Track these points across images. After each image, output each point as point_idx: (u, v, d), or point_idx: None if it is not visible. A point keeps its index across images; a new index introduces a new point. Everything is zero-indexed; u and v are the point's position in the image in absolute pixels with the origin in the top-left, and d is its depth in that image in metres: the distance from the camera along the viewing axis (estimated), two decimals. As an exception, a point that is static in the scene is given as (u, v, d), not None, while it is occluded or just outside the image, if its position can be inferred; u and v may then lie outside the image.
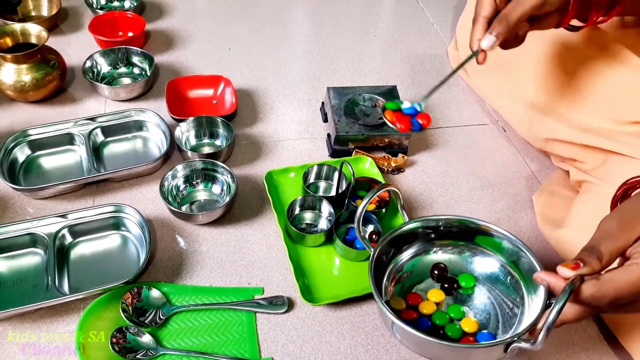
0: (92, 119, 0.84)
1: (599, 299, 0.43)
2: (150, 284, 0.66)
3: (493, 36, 0.59)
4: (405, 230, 0.61)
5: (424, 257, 0.62)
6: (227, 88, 0.93)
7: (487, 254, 0.61)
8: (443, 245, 0.63)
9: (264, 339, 0.64)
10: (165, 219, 0.75)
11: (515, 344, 0.47)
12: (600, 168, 0.70)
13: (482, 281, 0.61)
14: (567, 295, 0.43)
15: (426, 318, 0.58)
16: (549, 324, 0.43)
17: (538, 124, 0.80)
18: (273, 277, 0.70)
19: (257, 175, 0.82)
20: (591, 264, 0.44)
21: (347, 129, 0.85)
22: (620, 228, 0.46)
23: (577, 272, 0.44)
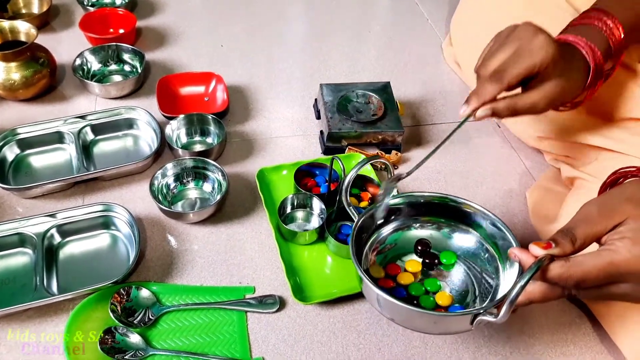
0: (82, 117, 0.83)
1: (566, 280, 0.44)
2: (140, 283, 0.66)
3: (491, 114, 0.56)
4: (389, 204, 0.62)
5: (406, 232, 0.64)
6: (218, 85, 0.92)
7: (466, 231, 0.62)
8: (424, 221, 0.64)
9: (254, 338, 0.63)
10: (155, 218, 0.74)
11: (481, 316, 0.48)
12: (592, 165, 0.70)
13: (461, 257, 0.62)
14: (532, 272, 0.44)
15: (402, 288, 0.60)
16: (512, 298, 0.44)
17: (530, 122, 0.79)
18: (264, 276, 0.69)
19: (249, 173, 0.81)
20: (563, 246, 0.44)
21: (339, 126, 0.84)
22: (599, 214, 0.46)
23: (548, 252, 0.44)
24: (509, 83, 0.55)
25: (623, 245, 0.43)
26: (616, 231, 0.45)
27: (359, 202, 0.77)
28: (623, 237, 0.44)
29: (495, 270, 0.58)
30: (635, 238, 0.44)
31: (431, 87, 1.00)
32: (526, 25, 0.56)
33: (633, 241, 0.44)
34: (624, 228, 0.44)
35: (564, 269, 0.44)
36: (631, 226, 0.44)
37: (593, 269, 0.43)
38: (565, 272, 0.44)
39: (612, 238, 0.45)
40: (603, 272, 0.44)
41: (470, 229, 0.62)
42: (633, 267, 0.43)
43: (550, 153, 0.79)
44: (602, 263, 0.43)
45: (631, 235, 0.44)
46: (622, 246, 0.43)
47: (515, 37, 0.55)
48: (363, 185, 0.78)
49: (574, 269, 0.44)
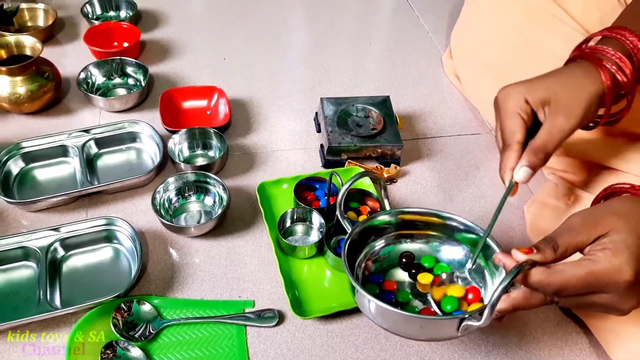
0: (86, 130, 0.84)
1: (546, 287, 0.45)
2: (141, 297, 0.67)
3: (528, 169, 0.52)
4: (379, 220, 0.63)
5: (396, 246, 0.65)
6: (220, 99, 0.93)
7: (453, 243, 0.63)
8: (414, 235, 0.65)
9: (254, 352, 0.64)
10: (157, 232, 0.76)
11: (466, 321, 0.49)
12: (589, 181, 0.70)
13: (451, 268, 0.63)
14: (512, 276, 0.45)
15: (391, 293, 0.61)
16: (493, 301, 0.46)
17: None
18: (264, 290, 0.70)
19: (250, 187, 0.82)
20: (544, 252, 0.45)
21: (339, 140, 0.85)
22: (583, 224, 0.47)
23: (529, 257, 0.45)
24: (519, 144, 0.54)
25: (604, 255, 0.44)
26: (598, 242, 0.46)
27: (357, 216, 0.77)
28: (604, 248, 0.45)
29: (483, 279, 0.59)
30: (616, 249, 0.44)
31: (431, 100, 1.01)
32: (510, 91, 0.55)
33: (614, 252, 0.44)
34: (606, 239, 0.45)
35: (544, 276, 0.45)
36: (613, 238, 0.45)
37: (572, 277, 0.44)
38: (545, 278, 0.45)
39: (594, 249, 0.46)
40: (582, 281, 0.44)
41: (457, 242, 0.63)
42: (612, 277, 0.44)
43: (548, 167, 0.80)
44: (581, 272, 0.44)
45: (612, 246, 0.45)
46: (602, 257, 0.44)
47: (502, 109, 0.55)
48: (362, 199, 0.79)
49: (554, 276, 0.45)
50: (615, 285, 0.45)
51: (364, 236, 0.63)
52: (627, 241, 0.45)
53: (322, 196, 0.79)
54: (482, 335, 0.68)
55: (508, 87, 0.55)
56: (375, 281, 0.62)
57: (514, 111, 0.54)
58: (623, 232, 0.45)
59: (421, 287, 0.61)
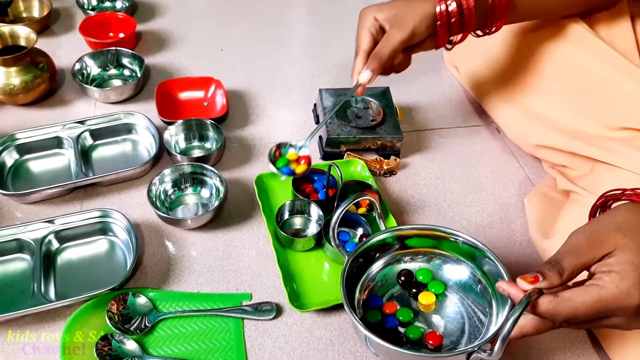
0: (81, 122, 0.83)
1: (554, 316, 0.44)
2: (137, 290, 0.66)
3: (369, 71, 0.64)
4: (375, 241, 0.61)
5: (395, 267, 0.63)
6: (218, 90, 0.92)
7: (457, 262, 0.61)
8: (413, 253, 0.63)
9: (251, 346, 0.63)
10: (153, 224, 0.75)
11: (476, 354, 0.48)
12: (587, 177, 0.69)
13: (452, 289, 0.61)
14: (522, 307, 0.44)
15: (393, 317, 0.59)
16: (504, 335, 0.44)
17: (527, 129, 0.79)
18: (262, 283, 0.69)
19: (248, 179, 0.81)
20: (550, 278, 0.44)
21: (338, 132, 0.84)
22: (587, 244, 0.45)
23: (535, 286, 0.44)
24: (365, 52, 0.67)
25: (610, 280, 0.43)
26: (604, 263, 0.44)
27: (357, 208, 0.76)
28: (610, 270, 0.43)
29: (489, 304, 0.57)
30: (623, 272, 0.43)
31: (431, 92, 1.00)
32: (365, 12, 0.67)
33: (621, 276, 0.43)
34: (612, 260, 0.44)
35: (552, 305, 0.44)
36: (619, 258, 0.44)
37: (581, 305, 0.43)
38: (553, 308, 0.44)
39: (600, 270, 0.44)
40: (591, 309, 0.43)
41: (461, 260, 0.61)
42: (621, 302, 0.43)
43: (547, 161, 0.79)
44: (590, 300, 0.43)
45: (618, 268, 0.43)
46: (609, 281, 0.43)
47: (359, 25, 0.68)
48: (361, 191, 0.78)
49: (562, 305, 0.43)
50: (624, 310, 0.44)
51: (361, 260, 0.61)
52: (633, 261, 0.43)
53: (321, 188, 0.78)
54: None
55: (365, 8, 0.67)
56: (376, 305, 0.60)
57: (364, 26, 0.66)
58: (629, 251, 0.44)
59: (423, 307, 0.60)
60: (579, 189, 0.71)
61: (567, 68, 0.73)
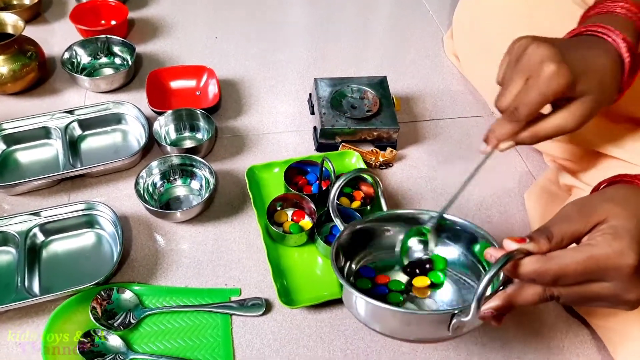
0: (70, 111, 0.81)
1: (542, 275, 0.42)
2: (123, 284, 0.64)
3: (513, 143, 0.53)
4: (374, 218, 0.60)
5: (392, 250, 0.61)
6: (210, 79, 0.90)
7: (448, 244, 0.59)
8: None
9: (239, 342, 0.62)
10: (142, 217, 0.73)
11: (455, 318, 0.46)
12: (591, 172, 0.67)
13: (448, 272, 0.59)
14: (500, 264, 0.41)
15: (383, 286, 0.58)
16: (479, 295, 0.43)
17: None
18: (251, 278, 0.68)
19: (239, 171, 0.79)
20: (538, 242, 0.43)
21: (333, 122, 0.81)
22: (579, 212, 0.44)
23: (522, 246, 0.42)
24: (527, 119, 0.51)
25: (603, 239, 0.41)
26: (596, 229, 0.43)
27: (350, 201, 0.74)
28: (604, 233, 0.42)
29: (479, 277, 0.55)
30: (616, 234, 0.42)
31: (430, 82, 0.97)
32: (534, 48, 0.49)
33: (614, 236, 0.42)
34: (605, 226, 0.43)
35: (539, 264, 0.42)
36: (612, 223, 0.42)
37: (571, 262, 0.41)
38: (541, 266, 0.41)
39: (592, 236, 0.43)
40: (582, 266, 0.41)
41: (451, 241, 0.59)
42: (614, 262, 0.41)
43: (549, 155, 0.76)
44: (581, 257, 0.41)
45: (612, 231, 0.42)
46: (602, 240, 0.41)
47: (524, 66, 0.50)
48: (356, 184, 0.76)
49: (550, 263, 0.41)
50: (618, 270, 0.42)
51: (356, 239, 0.59)
52: (626, 226, 0.42)
53: (314, 181, 0.76)
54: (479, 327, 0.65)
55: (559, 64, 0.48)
56: (367, 275, 0.59)
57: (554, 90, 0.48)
58: (621, 217, 0.43)
59: (417, 291, 0.58)
60: (582, 184, 0.68)
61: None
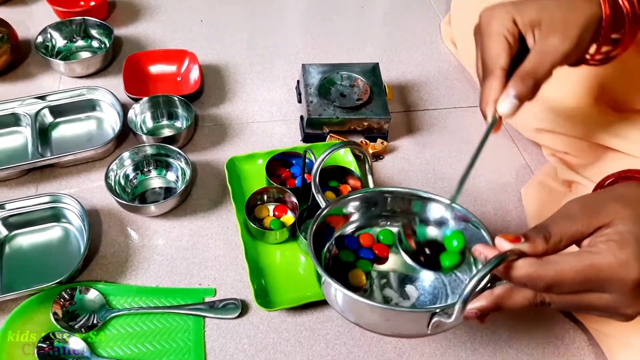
0: (41, 97, 0.76)
1: (535, 281, 0.37)
2: (87, 283, 0.60)
3: (514, 98, 0.45)
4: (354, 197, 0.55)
5: (370, 230, 0.56)
6: (192, 64, 0.85)
7: (437, 227, 0.54)
8: (390, 217, 0.56)
9: (211, 347, 0.58)
10: (114, 210, 0.68)
11: (436, 317, 0.42)
12: (593, 166, 0.62)
13: None
14: (491, 266, 0.37)
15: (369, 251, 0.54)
16: (465, 296, 0.38)
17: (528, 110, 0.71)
18: (228, 277, 0.63)
19: (220, 162, 0.75)
20: (534, 242, 0.38)
21: (320, 111, 0.77)
22: (582, 211, 0.39)
23: (515, 246, 0.38)
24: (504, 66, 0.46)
25: (607, 247, 0.37)
26: (601, 233, 0.38)
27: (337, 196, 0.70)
28: (609, 239, 0.37)
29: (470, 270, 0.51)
30: (623, 241, 0.37)
31: (426, 69, 0.92)
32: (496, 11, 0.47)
33: (619, 244, 0.37)
34: (611, 230, 0.38)
35: (534, 268, 0.37)
36: (618, 228, 0.37)
37: (569, 270, 0.37)
38: (534, 271, 0.37)
39: (595, 240, 0.38)
40: (581, 275, 0.37)
41: (440, 226, 0.54)
42: (617, 273, 0.37)
43: (549, 148, 0.71)
44: (580, 265, 0.37)
45: (618, 238, 0.37)
46: (605, 249, 0.37)
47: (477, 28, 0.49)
48: (343, 178, 0.71)
49: (546, 268, 0.37)
50: (620, 283, 0.37)
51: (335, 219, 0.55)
52: (634, 232, 0.37)
53: (299, 174, 0.72)
54: (469, 331, 0.61)
55: (493, 7, 0.47)
56: (351, 246, 0.54)
57: (499, 32, 0.46)
58: (629, 221, 0.38)
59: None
60: (583, 179, 0.63)
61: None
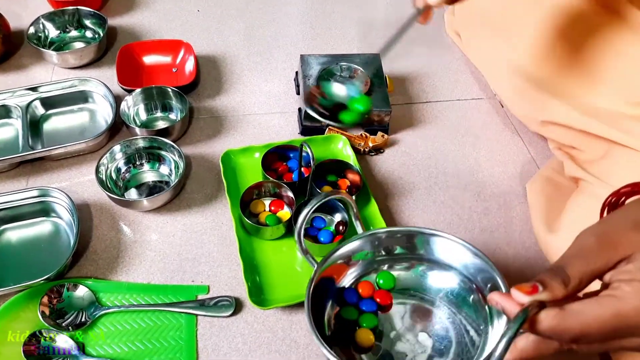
0: (33, 89, 0.74)
1: (560, 334, 0.34)
2: (76, 280, 0.58)
3: None
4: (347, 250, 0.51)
5: (368, 277, 0.53)
6: (188, 55, 0.82)
7: (445, 268, 0.51)
8: (391, 260, 0.53)
9: (203, 346, 0.56)
10: (105, 205, 0.67)
11: None
12: (600, 162, 0.59)
13: (442, 300, 0.51)
14: (517, 325, 0.34)
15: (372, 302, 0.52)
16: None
17: (534, 102, 0.68)
18: (222, 274, 0.61)
19: (215, 155, 0.73)
20: (553, 289, 0.35)
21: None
22: (599, 246, 0.36)
23: (534, 297, 0.35)
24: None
25: (632, 290, 0.33)
26: (622, 270, 0.35)
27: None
28: (632, 279, 0.34)
29: (484, 321, 0.48)
30: None
31: (429, 61, 0.90)
32: None
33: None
34: (632, 266, 0.34)
35: (557, 321, 0.34)
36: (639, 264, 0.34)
37: (594, 322, 0.34)
38: (559, 324, 0.34)
39: (618, 279, 0.35)
40: (608, 326, 0.34)
41: (450, 266, 0.51)
42: None
43: (555, 141, 0.68)
44: (605, 315, 0.34)
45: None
46: (630, 292, 0.33)
47: None
48: (342, 172, 0.69)
49: (570, 321, 0.34)
50: None
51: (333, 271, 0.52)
52: None
53: (296, 167, 0.69)
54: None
55: None
56: (351, 300, 0.51)
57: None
58: None
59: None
60: (590, 177, 0.61)
61: (581, 30, 0.62)
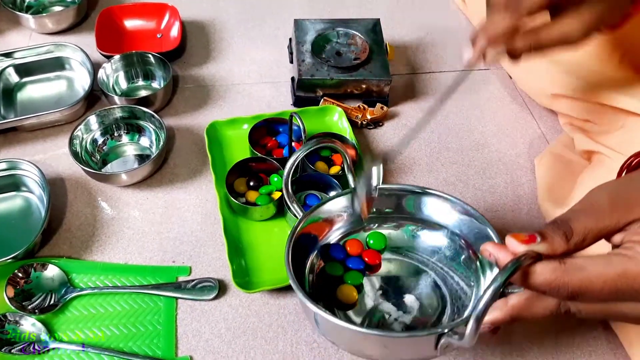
0: (6, 54, 0.69)
1: (558, 289, 0.31)
2: (47, 259, 0.54)
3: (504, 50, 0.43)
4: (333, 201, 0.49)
5: (357, 235, 0.50)
6: (173, 19, 0.77)
7: (435, 228, 0.48)
8: (380, 219, 0.50)
9: (183, 332, 0.52)
10: (81, 179, 0.62)
11: (446, 337, 0.36)
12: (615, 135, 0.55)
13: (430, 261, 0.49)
14: (507, 275, 0.31)
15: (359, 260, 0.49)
16: (478, 314, 0.32)
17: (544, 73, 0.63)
18: (205, 254, 0.57)
19: (201, 127, 0.68)
20: (552, 241, 0.32)
21: (313, 72, 0.69)
22: (611, 204, 0.33)
23: (530, 247, 0.32)
24: (529, 11, 0.40)
25: None
26: (634, 230, 0.32)
27: (329, 166, 0.63)
28: None
29: (475, 277, 0.45)
30: None
31: (433, 28, 0.84)
32: None
33: None
34: None
35: (556, 274, 0.31)
36: None
37: (597, 278, 0.31)
38: (557, 278, 0.31)
39: (629, 239, 0.32)
40: (611, 284, 0.31)
41: (440, 226, 0.48)
42: None
43: (567, 116, 0.63)
44: (611, 272, 0.31)
45: None
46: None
47: None
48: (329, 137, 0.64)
49: (570, 275, 0.31)
50: None
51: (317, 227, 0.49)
52: None
53: (286, 143, 0.65)
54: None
55: None
56: (338, 256, 0.48)
57: None
58: None
59: None
60: (605, 149, 0.56)
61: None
